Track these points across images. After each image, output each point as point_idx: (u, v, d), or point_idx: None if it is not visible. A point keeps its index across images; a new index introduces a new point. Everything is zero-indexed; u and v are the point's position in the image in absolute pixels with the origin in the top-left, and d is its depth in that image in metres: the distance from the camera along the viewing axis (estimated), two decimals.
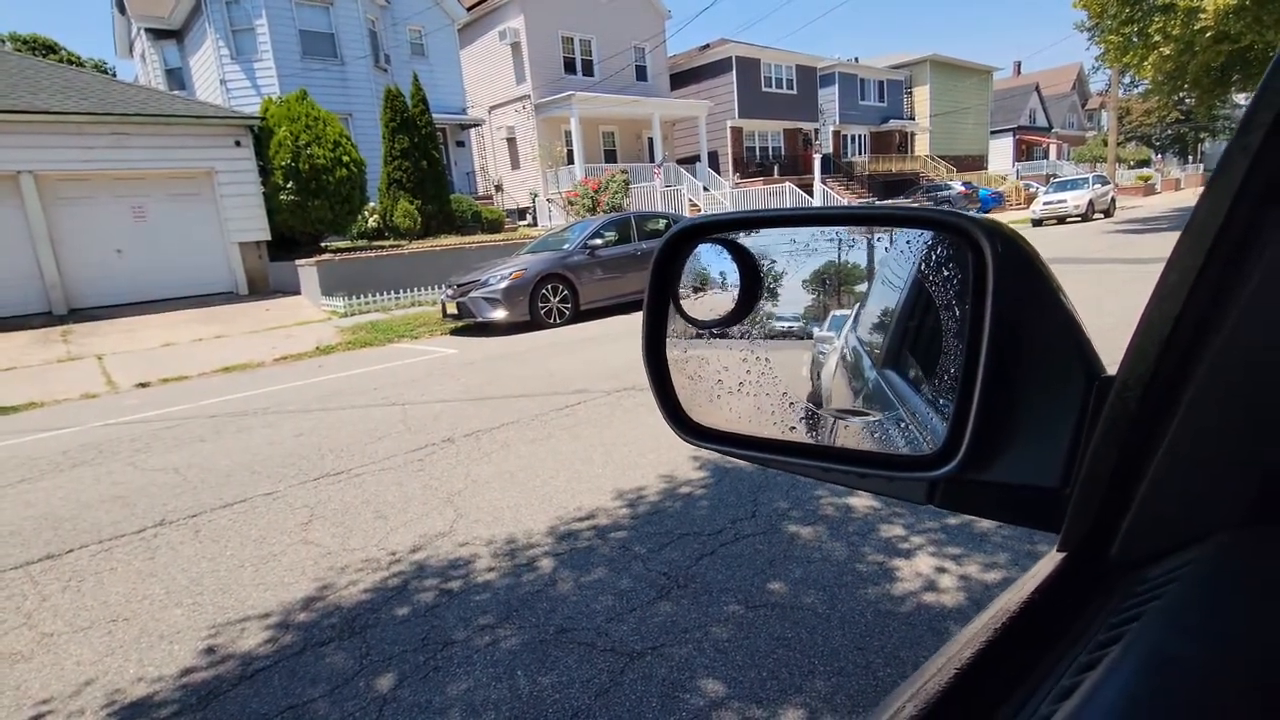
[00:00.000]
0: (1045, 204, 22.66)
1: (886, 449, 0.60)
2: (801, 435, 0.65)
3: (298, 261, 13.48)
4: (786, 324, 0.65)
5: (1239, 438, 0.38)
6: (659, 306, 0.70)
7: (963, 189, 28.31)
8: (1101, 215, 23.23)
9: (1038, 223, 22.30)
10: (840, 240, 0.62)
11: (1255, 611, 0.33)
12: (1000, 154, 41.35)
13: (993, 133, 40.80)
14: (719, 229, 0.69)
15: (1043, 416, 0.47)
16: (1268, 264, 0.35)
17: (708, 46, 28.54)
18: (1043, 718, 0.31)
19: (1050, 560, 0.47)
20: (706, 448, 0.68)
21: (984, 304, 0.46)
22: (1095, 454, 0.43)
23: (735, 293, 0.63)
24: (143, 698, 2.25)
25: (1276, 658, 0.30)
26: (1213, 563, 0.37)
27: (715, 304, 0.65)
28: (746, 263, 0.64)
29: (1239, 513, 0.39)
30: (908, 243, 0.59)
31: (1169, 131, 49.16)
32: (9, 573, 3.29)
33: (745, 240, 0.67)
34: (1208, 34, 14.58)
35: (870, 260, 0.62)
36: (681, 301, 0.68)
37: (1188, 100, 22.79)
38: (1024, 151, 43.04)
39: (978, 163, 38.36)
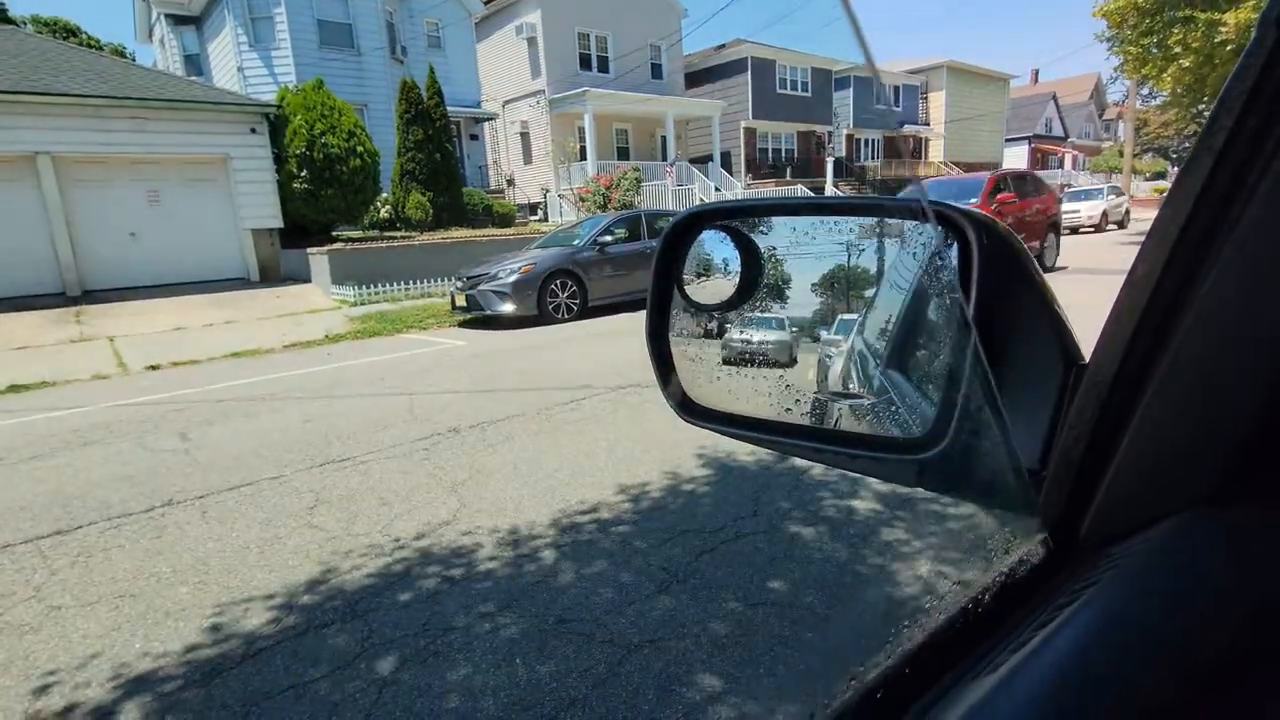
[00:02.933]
0: None
1: (877, 432, 0.62)
2: (796, 417, 0.67)
3: (309, 250, 13.57)
4: (775, 335, 0.66)
5: (1200, 424, 0.40)
6: (663, 289, 0.72)
7: None
8: (1115, 226, 23.01)
9: None
10: (849, 245, 0.64)
11: (1203, 581, 0.35)
12: (1014, 162, 41.06)
13: (1007, 140, 40.58)
14: (723, 215, 0.71)
15: (1024, 402, 0.49)
16: (1227, 259, 0.36)
17: (723, 46, 28.52)
18: (998, 665, 0.34)
19: (1027, 539, 0.49)
20: (704, 427, 0.70)
21: (969, 293, 0.48)
22: (1069, 438, 0.45)
23: (736, 279, 0.65)
24: (147, 672, 2.29)
25: (1217, 620, 0.32)
26: (1169, 539, 0.40)
27: (717, 290, 0.67)
28: (748, 250, 0.66)
29: (1199, 494, 0.41)
30: (900, 239, 0.61)
31: (1186, 144, 48.73)
32: (19, 546, 3.34)
33: (747, 230, 0.68)
34: (1228, 47, 14.46)
35: (880, 265, 0.64)
36: (685, 287, 0.70)
37: (1206, 113, 22.54)
38: (1039, 160, 42.78)
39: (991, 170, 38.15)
